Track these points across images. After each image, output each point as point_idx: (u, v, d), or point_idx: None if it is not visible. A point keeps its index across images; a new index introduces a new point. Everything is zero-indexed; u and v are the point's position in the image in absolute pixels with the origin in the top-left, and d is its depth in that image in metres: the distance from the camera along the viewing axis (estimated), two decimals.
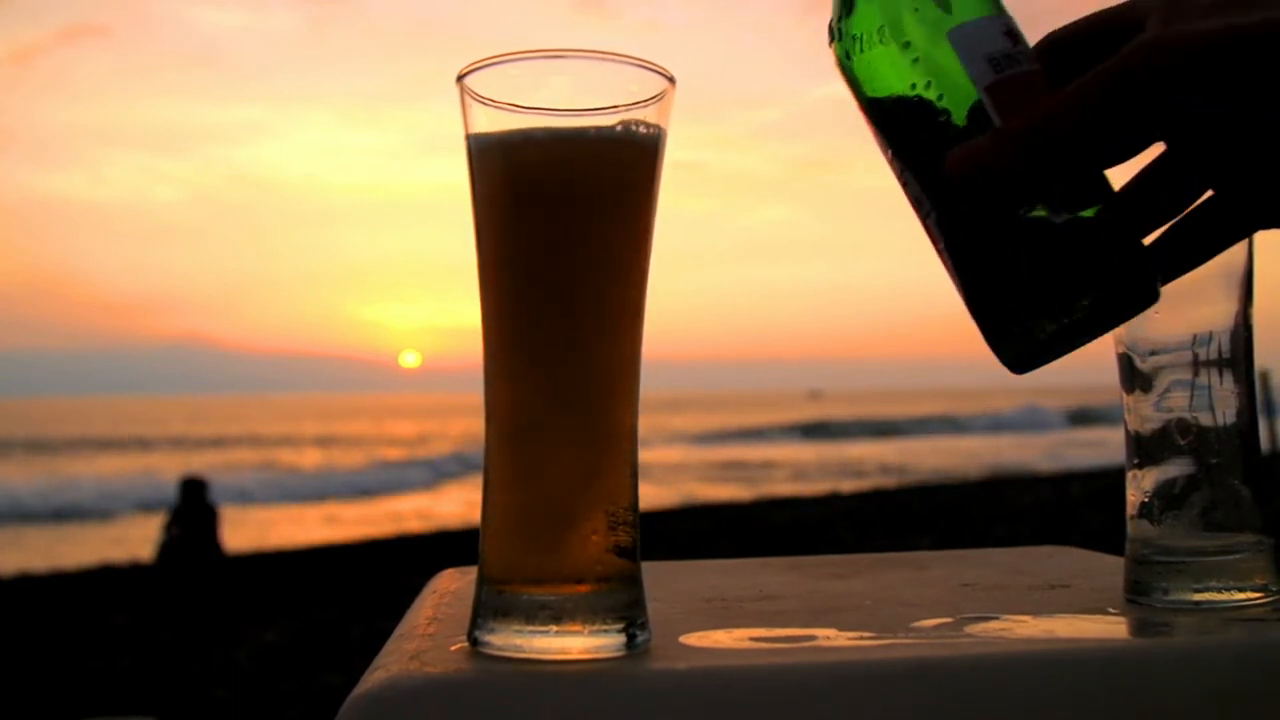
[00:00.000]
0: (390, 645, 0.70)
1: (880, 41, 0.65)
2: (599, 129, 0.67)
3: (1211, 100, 0.57)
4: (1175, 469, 0.77)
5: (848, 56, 0.67)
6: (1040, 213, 0.62)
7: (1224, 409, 0.76)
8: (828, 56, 0.70)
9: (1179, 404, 0.77)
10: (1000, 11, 0.65)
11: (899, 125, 0.66)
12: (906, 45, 0.65)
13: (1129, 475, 0.79)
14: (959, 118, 0.63)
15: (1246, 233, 0.67)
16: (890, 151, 0.67)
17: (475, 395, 0.70)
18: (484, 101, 0.67)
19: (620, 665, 0.64)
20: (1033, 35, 0.69)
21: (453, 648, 0.67)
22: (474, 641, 0.67)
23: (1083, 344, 0.64)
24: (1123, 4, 0.64)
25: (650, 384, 0.69)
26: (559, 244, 0.67)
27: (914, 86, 0.64)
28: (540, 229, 0.67)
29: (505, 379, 0.69)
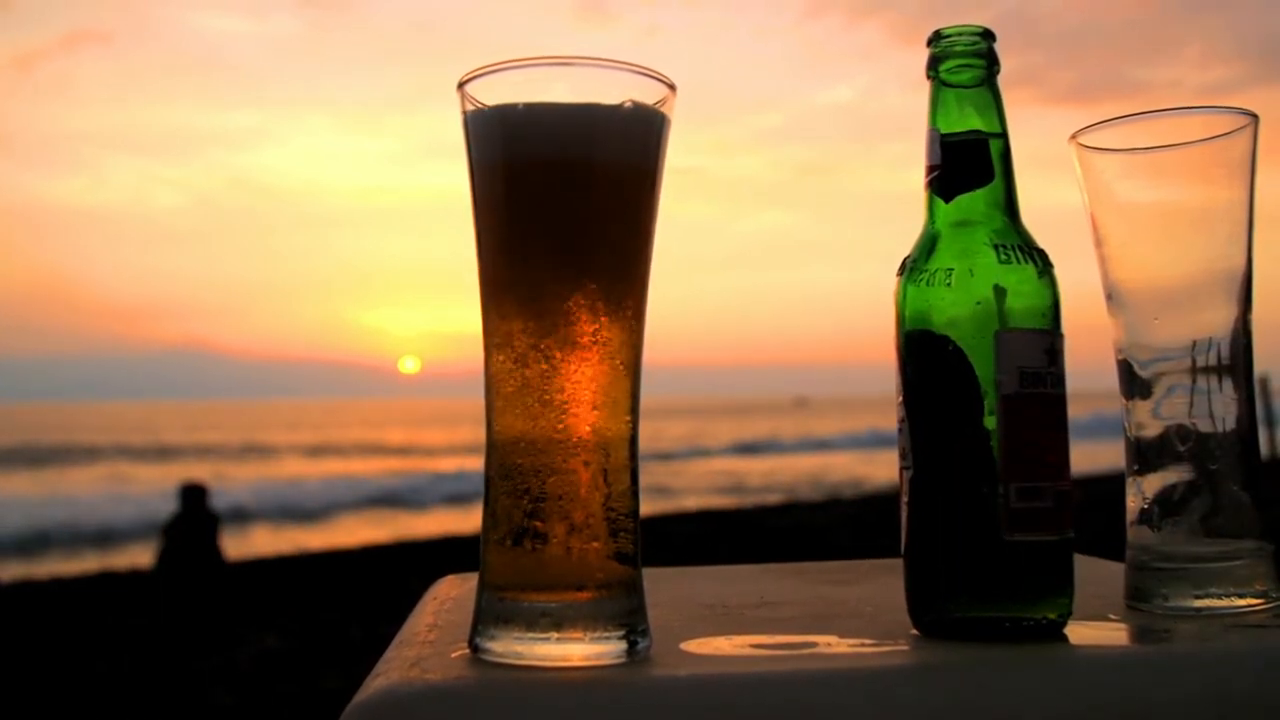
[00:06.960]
0: (391, 652, 0.70)
1: (944, 284, 0.70)
2: (604, 106, 0.67)
3: None
4: (1175, 475, 0.77)
5: (908, 285, 0.71)
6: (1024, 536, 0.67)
7: (1223, 415, 0.76)
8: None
9: (1178, 410, 0.77)
10: (1052, 328, 0.69)
11: (917, 362, 0.70)
12: (961, 292, 0.69)
13: (1129, 481, 0.79)
14: (968, 398, 0.68)
15: None
16: (901, 396, 0.71)
17: (476, 401, 0.70)
18: (485, 108, 0.67)
19: (621, 672, 0.64)
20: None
21: (453, 655, 0.67)
22: (475, 648, 0.67)
23: (982, 637, 0.68)
24: None
25: (649, 389, 0.69)
26: (560, 246, 0.67)
27: (948, 335, 0.69)
28: (541, 226, 0.68)
29: (505, 385, 0.69)
